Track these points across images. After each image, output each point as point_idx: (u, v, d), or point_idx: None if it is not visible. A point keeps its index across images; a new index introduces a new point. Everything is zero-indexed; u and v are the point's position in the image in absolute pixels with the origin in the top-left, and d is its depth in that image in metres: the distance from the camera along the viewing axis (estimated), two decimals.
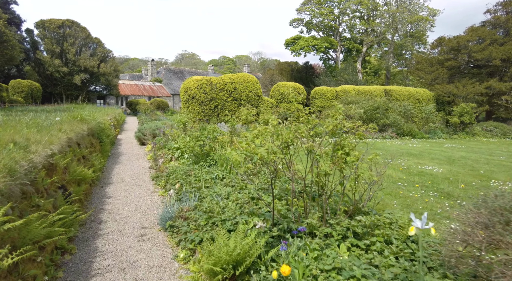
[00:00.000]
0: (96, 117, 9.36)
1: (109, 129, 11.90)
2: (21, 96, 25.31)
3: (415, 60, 29.70)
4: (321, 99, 20.65)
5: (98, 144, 8.53)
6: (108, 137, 10.79)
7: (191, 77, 18.52)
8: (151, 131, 11.78)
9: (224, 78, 18.25)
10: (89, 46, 31.97)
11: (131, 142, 13.22)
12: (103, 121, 11.12)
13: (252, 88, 18.33)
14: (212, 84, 17.93)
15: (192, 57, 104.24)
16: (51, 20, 29.23)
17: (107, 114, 16.50)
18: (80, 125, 6.78)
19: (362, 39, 53.37)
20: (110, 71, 32.04)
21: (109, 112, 17.96)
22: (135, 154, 10.19)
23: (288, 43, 51.40)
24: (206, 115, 17.91)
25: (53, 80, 30.20)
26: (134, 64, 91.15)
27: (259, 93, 18.59)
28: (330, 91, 20.58)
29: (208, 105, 17.82)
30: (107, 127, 11.32)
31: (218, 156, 6.25)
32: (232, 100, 18.07)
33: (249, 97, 18.24)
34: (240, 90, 18.10)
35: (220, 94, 17.90)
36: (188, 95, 17.84)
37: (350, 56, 55.42)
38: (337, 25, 52.36)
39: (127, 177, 7.03)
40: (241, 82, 18.20)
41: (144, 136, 11.86)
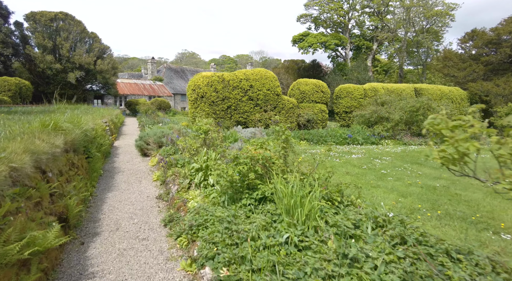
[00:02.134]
0: (84, 122, 6.88)
1: (103, 137, 9.42)
2: (8, 95, 22.77)
3: (441, 56, 27.21)
4: (347, 98, 18.18)
5: (84, 161, 6.04)
6: (100, 148, 8.31)
7: (199, 73, 16.03)
8: (155, 139, 9.29)
9: (238, 75, 15.77)
10: (85, 41, 29.43)
11: (130, 151, 10.73)
12: (95, 127, 8.64)
13: (270, 86, 15.86)
14: (225, 81, 15.46)
15: (192, 57, 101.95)
16: (42, 12, 26.68)
17: (102, 117, 14.01)
18: (50, 138, 4.29)
19: (372, 36, 50.96)
20: (107, 68, 29.51)
21: (105, 114, 15.47)
22: (136, 171, 7.70)
23: (296, 40, 48.88)
24: (217, 117, 15.44)
25: (45, 78, 27.65)
26: (133, 63, 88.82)
27: (278, 92, 16.12)
28: (358, 89, 18.12)
29: (220, 105, 15.34)
30: (100, 134, 8.84)
31: (275, 190, 3.77)
32: (247, 99, 15.60)
33: (267, 96, 15.76)
34: (256, 88, 15.63)
35: (234, 93, 15.42)
36: (196, 94, 15.35)
37: (360, 53, 52.97)
38: (347, 21, 49.88)
39: (124, 219, 4.55)
40: (258, 79, 15.73)
41: (147, 146, 9.37)
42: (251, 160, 4.19)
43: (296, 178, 3.73)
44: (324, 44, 46.49)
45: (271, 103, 15.92)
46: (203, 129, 5.94)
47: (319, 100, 17.44)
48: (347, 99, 18.14)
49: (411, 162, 8.59)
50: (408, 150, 11.54)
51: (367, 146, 12.73)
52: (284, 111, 16.23)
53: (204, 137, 6.04)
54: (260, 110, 15.76)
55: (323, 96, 17.54)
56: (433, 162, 8.49)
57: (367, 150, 10.99)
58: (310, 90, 17.33)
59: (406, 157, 9.51)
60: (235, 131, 10.13)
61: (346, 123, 18.39)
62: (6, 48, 23.72)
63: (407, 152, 10.67)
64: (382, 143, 13.35)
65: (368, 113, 14.62)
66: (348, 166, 7.92)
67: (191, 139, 7.34)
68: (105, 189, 6.06)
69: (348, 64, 50.68)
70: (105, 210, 4.89)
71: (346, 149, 11.30)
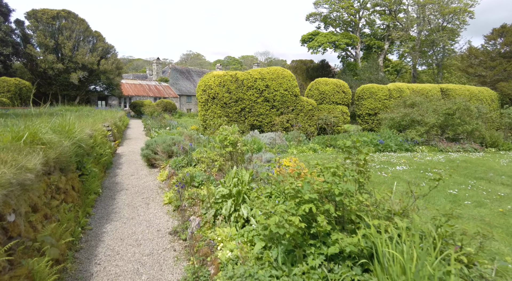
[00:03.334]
0: (78, 129, 5.52)
1: (104, 145, 8.07)
2: (7, 96, 21.64)
3: (465, 55, 25.56)
4: (371, 99, 16.69)
5: (75, 181, 4.67)
6: (100, 159, 6.96)
7: (211, 72, 14.68)
8: (165, 147, 7.92)
9: (253, 74, 14.38)
10: (88, 40, 28.27)
11: (135, 160, 9.37)
12: (94, 134, 7.29)
13: (287, 86, 14.44)
14: (238, 81, 14.07)
15: (197, 58, 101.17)
16: (44, 10, 25.57)
17: (103, 120, 12.70)
18: (19, 158, 2.92)
19: (383, 35, 49.32)
20: (111, 68, 28.32)
21: (107, 117, 14.17)
22: (142, 189, 6.32)
23: (305, 40, 47.41)
24: (230, 121, 14.05)
25: (47, 79, 26.51)
26: (138, 64, 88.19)
27: (296, 93, 14.70)
28: (382, 90, 16.61)
29: (233, 107, 13.96)
30: (100, 142, 7.49)
31: (367, 248, 2.35)
32: (263, 101, 14.19)
33: (284, 97, 14.34)
34: (273, 88, 14.22)
35: (248, 93, 14.03)
36: (207, 95, 13.99)
37: (370, 53, 51.35)
38: (357, 19, 48.32)
39: (127, 276, 3.15)
40: (274, 79, 14.32)
41: (154, 155, 8.00)
42: (319, 195, 2.78)
43: (402, 230, 2.31)
44: (335, 44, 44.98)
45: (288, 105, 14.50)
46: (230, 141, 4.53)
47: (340, 102, 15.97)
48: (370, 100, 16.64)
49: (473, 177, 7.10)
50: (452, 158, 10.03)
51: (402, 153, 11.24)
52: (302, 113, 14.79)
53: (231, 151, 4.63)
54: (276, 112, 14.35)
55: (344, 97, 16.07)
56: (505, 178, 7.00)
57: (408, 159, 9.50)
58: (330, 90, 15.88)
59: (461, 170, 8.01)
60: (257, 139, 8.73)
61: (370, 127, 16.89)
62: (6, 47, 22.61)
63: (456, 162, 9.17)
64: (416, 149, 11.84)
65: (399, 116, 13.11)
66: (401, 182, 6.47)
67: (209, 150, 5.96)
68: (103, 216, 4.68)
69: (359, 64, 49.10)
70: (100, 257, 3.49)
71: (382, 158, 9.82)
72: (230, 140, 4.56)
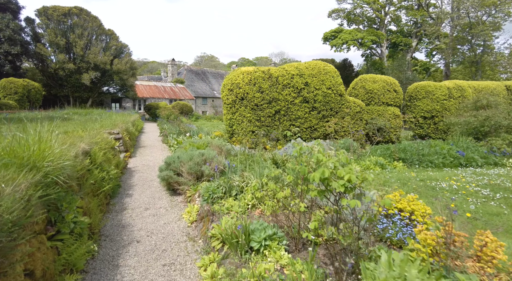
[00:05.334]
0: (60, 149, 3.29)
1: (108, 163, 5.85)
2: (14, 99, 20.06)
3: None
4: (427, 100, 13.98)
5: (39, 255, 2.37)
6: (100, 187, 4.72)
7: (238, 69, 12.39)
8: (192, 166, 5.61)
9: (289, 69, 11.99)
10: (101, 39, 26.61)
11: (151, 179, 7.13)
12: (94, 149, 5.06)
13: (331, 83, 11.98)
14: (272, 78, 11.73)
15: (211, 59, 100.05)
16: (55, 7, 24.03)
17: (113, 125, 10.58)
18: None
19: (411, 32, 46.03)
20: (125, 68, 26.55)
21: (118, 121, 12.08)
22: (163, 240, 4.01)
23: (327, 37, 44.70)
24: (262, 126, 11.71)
25: (58, 80, 24.94)
26: (153, 67, 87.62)
27: (342, 91, 12.21)
28: (440, 88, 13.88)
29: (266, 110, 11.61)
30: (101, 160, 5.24)
31: None
32: (301, 102, 11.78)
33: (327, 97, 11.88)
34: (313, 86, 11.79)
35: (284, 93, 11.66)
36: (234, 95, 11.72)
37: (396, 51, 48.13)
38: (383, 15, 45.23)
39: None
40: (315, 75, 11.89)
41: (177, 178, 5.70)
42: None
43: None
44: (360, 41, 42.08)
45: (332, 107, 12.02)
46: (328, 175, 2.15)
47: (392, 102, 13.36)
48: (426, 101, 13.92)
49: None
50: None
51: (491, 168, 8.58)
52: (349, 117, 12.27)
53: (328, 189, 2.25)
54: (317, 115, 11.90)
55: (396, 97, 13.45)
56: None
57: (508, 179, 6.85)
58: (379, 89, 13.30)
59: None
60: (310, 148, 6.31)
61: (425, 133, 14.17)
62: (14, 46, 21.09)
63: None
64: (507, 163, 9.14)
65: (478, 120, 10.40)
66: None
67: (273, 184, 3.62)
68: None
69: (385, 62, 45.99)
70: None
71: (469, 177, 7.22)
72: (326, 174, 2.17)
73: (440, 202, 5.16)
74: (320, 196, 2.40)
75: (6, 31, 20.58)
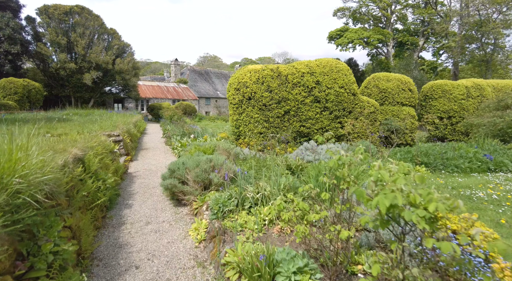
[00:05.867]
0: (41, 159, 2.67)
1: (105, 170, 5.23)
2: (14, 99, 19.56)
3: None
4: (443, 99, 13.26)
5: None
6: (94, 200, 4.09)
7: (245, 67, 11.76)
8: (198, 174, 4.97)
9: (299, 67, 11.33)
10: (103, 38, 26.08)
11: (153, 186, 6.51)
12: (87, 155, 4.45)
13: (343, 82, 11.30)
14: (281, 76, 11.07)
15: (214, 60, 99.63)
16: (56, 6, 23.54)
17: (114, 126, 9.99)
18: None
19: (418, 31, 45.17)
20: (127, 68, 26.01)
21: (119, 122, 11.49)
22: (167, 265, 3.37)
23: (333, 36, 43.93)
24: (270, 127, 11.06)
25: (59, 80, 24.44)
26: (155, 67, 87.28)
27: (355, 90, 11.52)
28: (457, 87, 13.14)
29: (274, 110, 10.95)
30: (96, 167, 4.61)
31: None
32: (312, 101, 11.11)
33: (340, 96, 11.20)
34: (325, 85, 11.11)
35: (294, 92, 10.99)
36: (241, 94, 11.09)
37: (403, 50, 47.27)
38: (389, 14, 44.38)
39: None
40: (327, 73, 11.22)
41: (182, 187, 5.07)
42: None
43: None
44: (366, 40, 41.26)
45: (345, 107, 11.33)
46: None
47: (407, 102, 12.66)
48: (442, 100, 13.19)
49: None
50: None
51: None
52: (362, 117, 11.58)
53: None
54: (329, 116, 11.22)
55: (411, 97, 12.74)
56: None
57: None
58: (393, 88, 12.61)
59: None
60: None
61: (441, 134, 13.44)
62: (14, 45, 20.61)
63: None
64: None
65: (505, 121, 9.66)
66: None
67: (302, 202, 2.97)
68: None
69: (391, 62, 45.13)
70: None
71: (505, 184, 6.51)
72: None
73: (488, 216, 4.48)
74: (382, 227, 1.75)
75: (6, 30, 20.10)
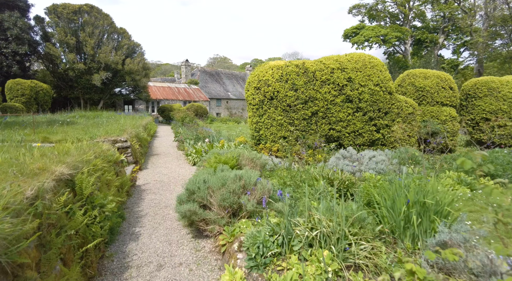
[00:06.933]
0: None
1: (106, 189, 4.05)
2: (21, 101, 18.85)
3: None
4: (490, 98, 11.74)
5: None
6: (86, 238, 2.88)
7: (267, 63, 10.54)
8: (225, 196, 3.74)
9: (327, 62, 10.02)
10: (112, 37, 25.31)
11: (165, 205, 5.35)
12: (79, 174, 3.28)
13: (378, 79, 9.93)
14: (308, 73, 9.79)
15: (224, 61, 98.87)
16: (64, 5, 22.86)
17: (121, 130, 8.89)
18: None
19: (438, 27, 43.12)
20: (137, 68, 25.15)
21: (128, 125, 10.41)
22: None
23: (348, 34, 42.33)
24: (296, 131, 9.79)
25: (68, 81, 23.74)
26: (166, 69, 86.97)
27: (391, 89, 10.13)
28: (508, 84, 11.60)
29: (300, 111, 9.68)
30: (91, 190, 3.45)
31: None
32: (343, 101, 9.78)
33: (375, 95, 9.83)
34: (358, 82, 9.77)
35: (323, 91, 9.69)
36: (262, 94, 9.87)
37: (421, 48, 45.28)
38: (407, 10, 42.48)
39: None
40: (359, 69, 9.87)
41: (204, 213, 3.84)
42: None
43: None
44: (384, 38, 39.51)
45: (380, 107, 9.96)
46: None
47: (447, 102, 11.21)
48: (488, 99, 11.68)
49: None
50: None
51: None
52: (400, 119, 10.18)
53: None
54: (363, 118, 9.86)
55: (452, 96, 11.29)
56: None
57: None
58: (432, 86, 11.18)
59: None
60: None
61: (487, 137, 11.91)
62: (21, 45, 19.93)
63: None
64: None
65: None
66: None
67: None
68: None
69: (409, 60, 43.21)
70: None
71: None
72: None
73: None
74: None
75: (13, 30, 19.44)
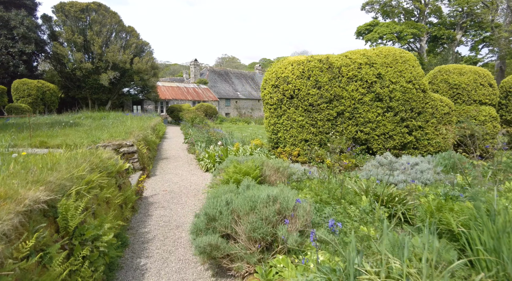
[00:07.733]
0: None
1: (106, 206, 3.18)
2: (27, 101, 18.33)
3: None
4: None
5: None
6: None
7: (286, 59, 9.58)
8: (256, 226, 2.81)
9: (354, 57, 9.01)
10: (120, 36, 24.71)
11: (176, 227, 4.49)
12: (63, 200, 2.39)
13: (411, 75, 8.88)
14: (333, 68, 8.80)
15: (232, 61, 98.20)
16: (72, 3, 22.34)
17: (127, 133, 8.06)
18: None
19: (455, 23, 41.40)
20: (146, 68, 24.49)
21: (135, 127, 9.59)
22: None
23: (361, 32, 41.03)
24: (319, 133, 8.81)
25: (76, 81, 23.22)
26: (175, 69, 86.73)
27: (425, 86, 9.05)
28: None
29: (324, 111, 8.70)
30: (81, 218, 2.58)
31: None
32: (372, 100, 8.76)
33: (407, 93, 8.78)
34: (388, 79, 8.73)
35: (350, 88, 8.69)
36: (281, 92, 8.93)
37: (437, 45, 43.59)
38: (423, 6, 40.90)
39: None
40: (390, 64, 8.84)
41: (227, 247, 2.92)
42: None
43: None
44: (399, 35, 38.08)
45: (413, 107, 8.90)
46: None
47: (486, 100, 10.07)
48: None
49: None
50: None
51: None
52: (434, 120, 9.10)
53: None
54: (394, 118, 8.82)
55: (492, 93, 10.14)
56: None
57: None
58: (469, 83, 10.06)
59: None
60: None
61: None
62: (28, 44, 19.44)
63: None
64: None
65: None
66: None
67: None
68: None
69: (425, 58, 41.64)
70: None
71: None
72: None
73: None
74: None
75: (20, 29, 18.95)
